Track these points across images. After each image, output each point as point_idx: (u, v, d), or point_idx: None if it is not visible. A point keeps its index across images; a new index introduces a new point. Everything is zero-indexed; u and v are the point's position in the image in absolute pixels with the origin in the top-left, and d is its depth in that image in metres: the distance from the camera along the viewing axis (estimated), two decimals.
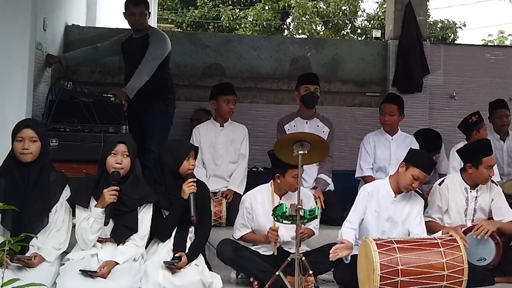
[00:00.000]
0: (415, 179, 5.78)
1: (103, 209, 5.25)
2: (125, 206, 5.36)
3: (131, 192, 5.41)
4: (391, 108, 7.47)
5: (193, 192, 5.53)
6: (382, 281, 5.09)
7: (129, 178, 5.44)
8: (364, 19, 32.13)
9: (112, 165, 5.33)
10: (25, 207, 5.01)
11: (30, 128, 5.21)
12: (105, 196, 5.23)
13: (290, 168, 5.63)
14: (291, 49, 9.43)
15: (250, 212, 5.94)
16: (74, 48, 8.24)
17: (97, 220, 5.24)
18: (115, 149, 5.36)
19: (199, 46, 9.18)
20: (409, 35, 9.26)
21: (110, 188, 5.26)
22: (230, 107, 7.34)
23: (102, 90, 7.41)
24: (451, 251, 5.26)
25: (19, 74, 6.17)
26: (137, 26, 7.40)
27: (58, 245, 5.24)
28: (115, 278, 5.04)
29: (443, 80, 9.69)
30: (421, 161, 5.82)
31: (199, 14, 29.83)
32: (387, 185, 5.99)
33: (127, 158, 5.39)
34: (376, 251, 5.16)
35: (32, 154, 5.18)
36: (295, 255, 5.23)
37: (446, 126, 9.40)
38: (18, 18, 6.20)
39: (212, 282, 5.45)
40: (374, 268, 5.10)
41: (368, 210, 5.92)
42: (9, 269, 4.62)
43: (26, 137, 5.16)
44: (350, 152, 8.73)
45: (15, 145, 5.18)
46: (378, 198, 5.94)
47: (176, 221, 5.58)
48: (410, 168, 5.79)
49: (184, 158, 5.64)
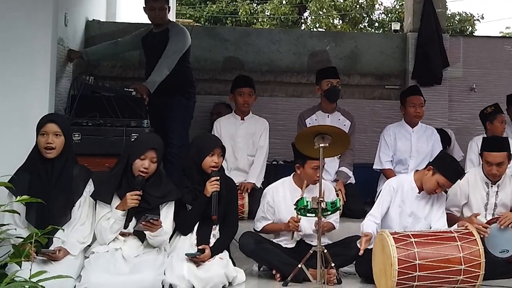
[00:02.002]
0: (440, 186, 5.73)
1: (124, 212, 5.28)
2: (147, 203, 5.37)
3: (154, 190, 5.42)
4: (420, 99, 7.50)
5: (215, 191, 5.55)
6: (400, 276, 5.09)
7: (152, 178, 5.45)
8: (382, 13, 32.05)
9: (139, 168, 5.34)
10: (49, 201, 5.01)
11: (54, 122, 5.24)
12: (128, 200, 5.25)
13: (310, 159, 5.63)
14: (310, 42, 9.43)
15: (272, 205, 5.95)
16: (94, 43, 8.30)
17: (117, 221, 5.28)
18: (145, 154, 5.35)
19: (219, 40, 9.21)
20: (428, 27, 9.23)
21: (133, 192, 5.28)
22: (244, 99, 7.33)
23: (123, 84, 7.42)
24: (468, 245, 5.24)
25: (41, 69, 6.19)
26: (157, 21, 7.42)
27: (82, 238, 5.27)
28: (138, 271, 5.07)
29: (463, 73, 9.63)
30: (449, 170, 5.72)
31: (217, 8, 29.87)
32: (411, 180, 5.93)
33: (155, 164, 5.40)
34: (393, 246, 5.14)
35: (56, 149, 5.20)
36: (317, 248, 5.25)
37: (465, 118, 9.41)
38: (40, 13, 6.22)
39: (236, 277, 5.49)
40: (392, 263, 5.09)
41: (392, 205, 5.88)
42: (35, 262, 4.63)
43: (50, 132, 5.19)
44: (370, 145, 8.70)
45: (39, 139, 5.21)
46: (402, 193, 5.90)
47: (197, 217, 5.60)
48: (437, 175, 5.71)
49: (207, 154, 5.63)
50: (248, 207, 6.83)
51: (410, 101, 7.50)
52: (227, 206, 5.72)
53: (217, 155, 5.66)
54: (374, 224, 5.74)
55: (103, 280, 4.95)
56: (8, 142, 5.73)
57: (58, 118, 5.41)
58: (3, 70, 5.66)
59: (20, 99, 6.01)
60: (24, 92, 6.04)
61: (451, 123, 9.17)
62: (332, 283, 5.46)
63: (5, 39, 5.86)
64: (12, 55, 5.98)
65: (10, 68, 5.94)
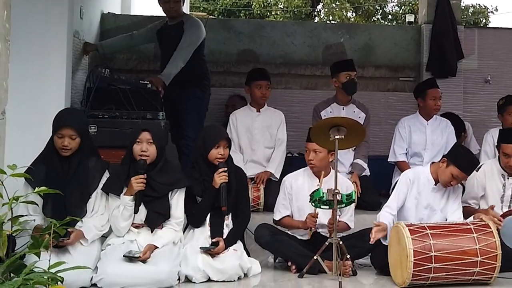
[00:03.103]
0: (454, 177, 5.70)
1: (132, 197, 5.32)
2: (154, 191, 5.41)
3: (161, 178, 5.46)
4: (439, 92, 7.49)
5: (224, 182, 5.58)
6: (416, 268, 5.10)
7: (158, 165, 5.48)
8: (395, 5, 31.94)
9: (138, 153, 5.39)
10: (65, 194, 4.99)
11: (70, 128, 5.23)
12: (133, 184, 5.30)
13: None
14: (324, 34, 9.42)
15: (290, 192, 5.97)
16: (110, 36, 8.34)
17: (127, 207, 5.31)
18: (140, 137, 5.42)
19: (233, 33, 9.22)
20: (442, 19, 9.20)
21: (137, 176, 5.32)
22: (262, 92, 7.34)
23: (138, 77, 7.45)
24: (485, 237, 5.24)
25: (57, 62, 6.24)
26: (171, 14, 7.45)
27: (100, 226, 5.31)
28: (154, 263, 5.10)
29: (478, 64, 9.60)
30: (463, 161, 5.69)
31: (230, 1, 29.84)
32: (427, 172, 5.91)
33: (152, 145, 5.42)
34: (409, 238, 5.15)
35: (71, 150, 5.25)
36: (333, 240, 5.27)
37: (480, 110, 9.39)
38: (55, 7, 6.27)
39: (251, 267, 5.53)
40: (408, 255, 5.10)
41: (408, 197, 5.87)
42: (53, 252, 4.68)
43: (65, 135, 5.21)
44: (384, 137, 8.69)
45: (55, 139, 5.24)
46: (419, 186, 5.88)
47: (207, 209, 5.63)
48: (451, 166, 5.68)
49: (213, 146, 5.67)
50: (263, 198, 6.84)
51: (431, 94, 7.45)
52: (238, 195, 5.75)
53: (222, 147, 5.69)
54: (390, 216, 5.73)
55: (119, 271, 4.99)
56: (26, 134, 5.77)
57: (74, 121, 5.33)
58: (21, 63, 5.67)
59: (37, 91, 6.07)
60: (41, 84, 6.09)
61: (466, 115, 9.09)
62: (347, 275, 5.46)
63: (22, 33, 5.87)
64: (29, 48, 6.02)
65: (27, 61, 5.97)
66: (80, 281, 4.86)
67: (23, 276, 3.22)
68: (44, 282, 3.27)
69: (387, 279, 5.51)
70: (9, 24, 4.21)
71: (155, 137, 5.46)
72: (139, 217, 5.39)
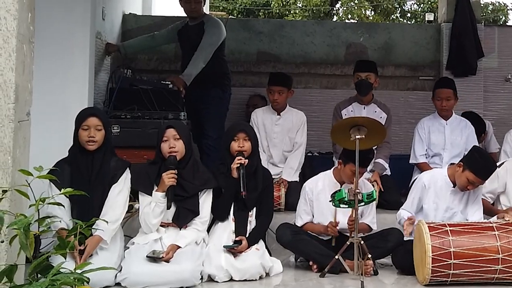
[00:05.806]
0: (470, 182, 5.63)
1: (164, 193, 5.36)
2: (185, 191, 5.46)
3: (192, 177, 5.51)
4: (448, 93, 7.33)
5: (239, 167, 5.59)
6: (434, 263, 5.12)
7: (189, 163, 5.53)
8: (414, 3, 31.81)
9: (167, 150, 5.43)
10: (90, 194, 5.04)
11: (95, 116, 5.29)
12: (164, 180, 5.34)
13: (352, 162, 5.55)
14: (344, 34, 9.43)
15: (311, 198, 5.96)
16: (131, 36, 8.41)
17: (159, 204, 5.35)
18: (166, 135, 5.46)
19: (253, 33, 9.25)
20: (462, 17, 9.17)
21: (168, 172, 5.36)
22: (273, 97, 7.29)
23: (159, 77, 7.49)
24: (506, 235, 5.23)
25: (80, 63, 6.31)
26: (192, 14, 7.49)
27: (114, 218, 5.21)
28: (178, 262, 5.14)
29: (498, 63, 9.55)
30: (478, 167, 5.61)
31: (249, 1, 29.84)
32: (445, 175, 5.86)
33: (179, 141, 5.47)
34: (427, 233, 5.18)
35: (97, 142, 5.27)
36: (354, 239, 5.30)
37: (500, 109, 9.35)
38: (78, 8, 6.33)
39: (273, 267, 5.56)
40: (426, 250, 5.13)
41: (425, 201, 5.83)
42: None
43: (91, 126, 5.24)
44: (405, 136, 8.70)
45: (81, 133, 5.26)
46: (436, 189, 5.84)
47: (230, 200, 5.66)
48: (466, 171, 5.61)
49: (231, 139, 5.73)
50: (284, 198, 6.85)
51: (437, 94, 7.39)
52: (263, 195, 5.78)
53: (241, 139, 5.72)
54: (409, 214, 5.77)
55: (143, 270, 5.03)
56: (49, 135, 5.80)
57: (99, 112, 5.48)
58: (44, 65, 5.70)
59: (60, 92, 6.14)
60: (64, 85, 6.16)
61: (486, 114, 9.05)
62: (369, 275, 5.47)
63: (46, 35, 5.91)
64: (52, 50, 6.09)
65: (51, 63, 6.03)
66: (104, 280, 4.90)
67: (50, 276, 3.25)
68: (71, 283, 3.29)
69: (409, 279, 5.52)
70: (33, 27, 4.23)
71: (181, 132, 5.51)
72: (166, 216, 5.44)
